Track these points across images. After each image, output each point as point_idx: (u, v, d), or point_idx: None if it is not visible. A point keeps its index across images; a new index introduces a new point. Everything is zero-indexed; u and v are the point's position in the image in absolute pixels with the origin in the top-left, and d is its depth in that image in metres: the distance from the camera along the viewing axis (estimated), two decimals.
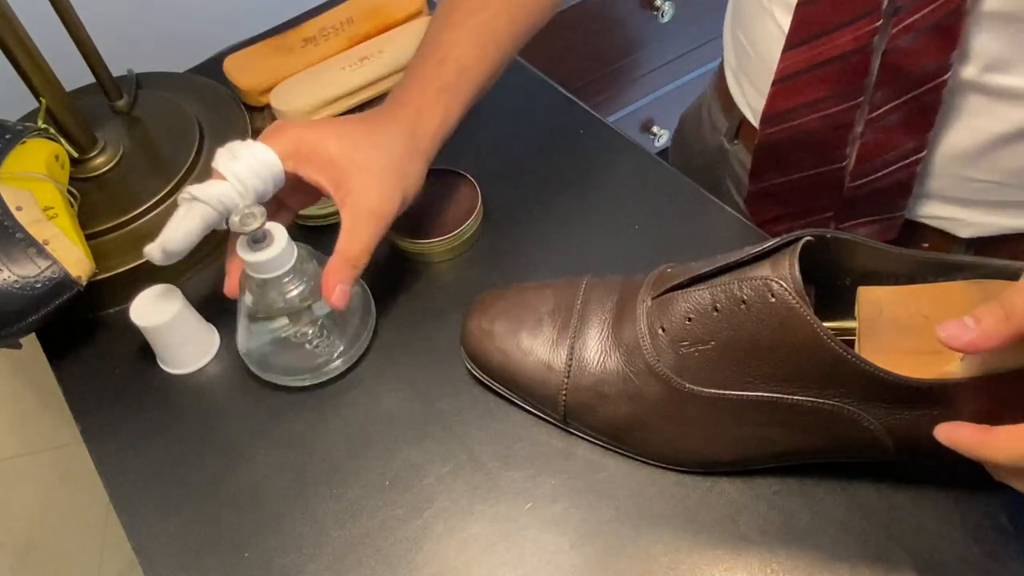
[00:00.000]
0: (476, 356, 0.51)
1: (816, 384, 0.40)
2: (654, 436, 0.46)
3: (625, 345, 0.46)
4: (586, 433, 0.49)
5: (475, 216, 0.61)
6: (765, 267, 0.40)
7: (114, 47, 0.68)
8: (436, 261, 0.61)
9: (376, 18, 0.73)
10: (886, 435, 0.41)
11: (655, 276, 0.47)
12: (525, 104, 0.71)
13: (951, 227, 0.58)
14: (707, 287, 0.43)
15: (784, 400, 0.41)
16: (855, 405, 0.40)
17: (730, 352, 0.42)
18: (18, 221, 0.53)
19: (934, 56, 0.48)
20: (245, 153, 0.49)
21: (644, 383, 0.45)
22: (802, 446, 0.44)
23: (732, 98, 0.68)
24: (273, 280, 0.50)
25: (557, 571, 0.46)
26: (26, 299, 0.52)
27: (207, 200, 0.48)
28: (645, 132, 1.42)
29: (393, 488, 0.50)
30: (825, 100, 0.55)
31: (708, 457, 0.46)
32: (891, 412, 0.40)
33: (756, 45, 0.61)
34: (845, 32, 0.51)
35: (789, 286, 0.39)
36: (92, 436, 0.55)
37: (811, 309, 0.38)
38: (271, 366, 0.55)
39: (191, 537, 0.49)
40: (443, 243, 0.60)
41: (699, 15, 1.28)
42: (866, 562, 0.44)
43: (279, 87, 0.68)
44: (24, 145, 0.58)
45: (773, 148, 0.60)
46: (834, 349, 0.38)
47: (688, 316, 0.43)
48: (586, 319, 0.48)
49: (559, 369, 0.48)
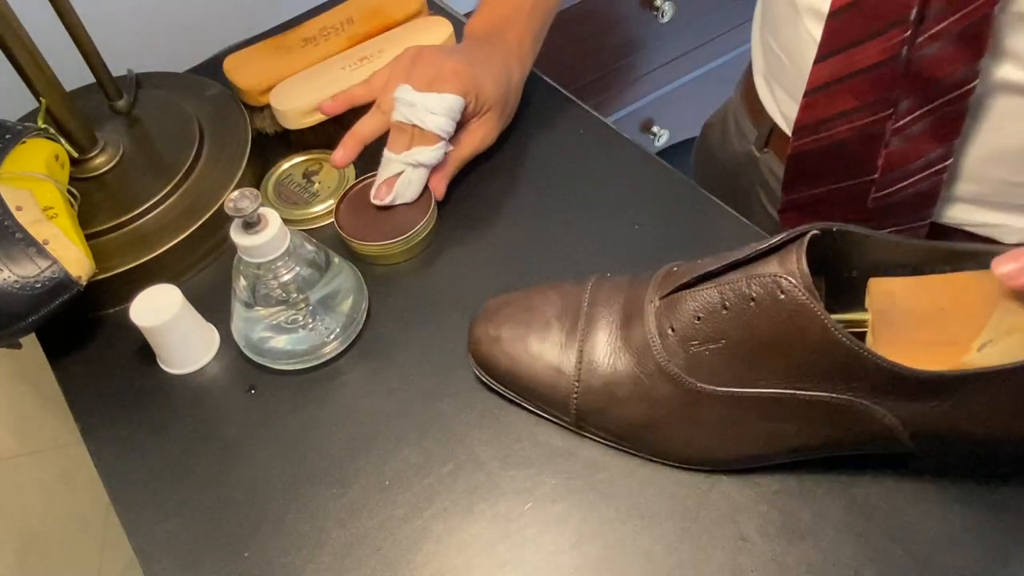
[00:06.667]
0: (485, 363, 0.51)
1: (829, 379, 0.40)
2: (668, 437, 0.46)
3: (635, 346, 0.46)
4: (599, 436, 0.49)
5: (429, 217, 0.61)
6: (773, 263, 0.40)
7: (114, 47, 0.68)
8: (393, 263, 0.61)
9: (376, 18, 0.73)
10: (902, 428, 0.40)
11: (661, 275, 0.47)
12: (525, 104, 0.71)
13: (996, 234, 0.57)
14: (715, 285, 0.42)
15: (797, 396, 0.41)
16: (870, 399, 0.40)
17: (741, 350, 0.42)
18: (18, 221, 0.53)
19: (960, 64, 0.48)
20: (439, 104, 0.58)
21: (655, 384, 0.45)
22: (817, 441, 0.43)
23: (762, 105, 0.67)
24: (267, 264, 0.51)
25: (557, 571, 0.46)
26: (26, 299, 0.52)
27: (431, 163, 0.60)
28: (645, 132, 1.42)
29: (393, 488, 0.50)
30: (856, 111, 0.54)
31: (723, 456, 0.46)
32: (907, 405, 0.39)
33: (788, 51, 0.61)
34: (875, 43, 0.51)
35: (798, 282, 0.38)
36: (92, 436, 0.55)
37: (822, 305, 0.38)
38: (265, 351, 0.55)
39: (191, 537, 0.49)
40: (396, 245, 0.60)
41: (699, 15, 1.28)
42: (866, 562, 0.44)
43: (279, 87, 0.68)
44: (24, 145, 0.58)
45: (805, 159, 0.60)
46: (847, 344, 0.38)
47: (697, 315, 0.43)
48: (593, 321, 0.48)
49: (569, 373, 0.48)
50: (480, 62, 0.62)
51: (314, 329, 0.55)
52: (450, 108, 0.59)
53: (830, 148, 0.57)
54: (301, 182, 0.67)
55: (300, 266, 0.53)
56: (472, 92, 0.60)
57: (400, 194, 0.60)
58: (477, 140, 0.64)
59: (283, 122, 0.68)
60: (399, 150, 0.60)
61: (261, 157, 0.69)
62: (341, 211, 0.62)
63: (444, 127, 0.59)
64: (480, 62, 0.62)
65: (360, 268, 0.60)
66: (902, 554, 0.44)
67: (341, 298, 0.56)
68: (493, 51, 0.64)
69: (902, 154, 0.54)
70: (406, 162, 0.60)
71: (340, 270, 0.57)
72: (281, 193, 0.67)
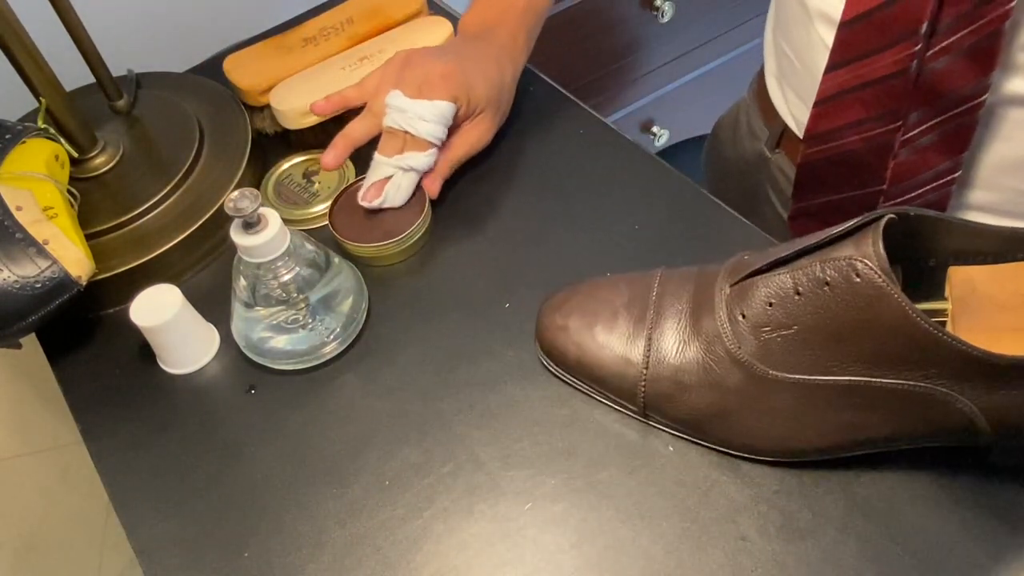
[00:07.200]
0: (552, 352, 0.51)
1: (906, 366, 0.39)
2: (737, 426, 0.45)
3: (704, 333, 0.45)
4: (666, 425, 0.49)
5: (423, 219, 0.61)
6: (848, 247, 0.39)
7: (114, 47, 0.68)
8: (388, 264, 0.61)
9: (376, 18, 0.73)
10: (982, 417, 0.39)
11: (732, 264, 0.47)
12: (524, 104, 0.71)
13: None
14: (788, 271, 0.42)
15: (872, 384, 0.40)
16: (948, 387, 0.38)
17: (814, 336, 0.41)
18: (18, 221, 0.53)
19: (971, 78, 0.48)
20: (430, 112, 0.58)
21: (725, 371, 0.44)
22: (893, 432, 0.42)
23: (773, 106, 0.67)
24: (267, 264, 0.51)
25: (557, 571, 0.46)
26: (26, 299, 0.52)
27: (422, 169, 0.60)
28: (645, 132, 1.42)
29: (393, 488, 0.50)
30: (866, 122, 0.54)
31: (795, 446, 0.45)
32: (987, 393, 0.38)
33: (800, 54, 0.60)
34: (886, 55, 0.50)
35: (875, 265, 0.37)
36: (92, 436, 0.55)
37: (899, 288, 0.37)
38: (265, 351, 0.55)
39: (191, 537, 0.49)
40: (390, 247, 0.60)
41: (699, 15, 1.28)
42: (866, 562, 0.44)
43: (279, 87, 0.68)
44: (24, 145, 0.58)
45: (815, 168, 0.60)
46: (926, 328, 0.37)
47: (769, 301, 0.42)
48: (662, 310, 0.48)
49: (637, 361, 0.47)
50: (472, 61, 0.61)
51: (314, 329, 0.55)
52: (441, 114, 0.59)
53: (840, 157, 0.57)
54: (301, 182, 0.67)
55: (300, 266, 0.53)
56: (463, 95, 0.60)
57: (389, 198, 0.60)
58: (471, 141, 0.64)
59: (283, 122, 0.68)
60: (390, 154, 0.60)
61: (261, 157, 0.69)
62: (335, 213, 0.62)
63: (436, 134, 0.59)
64: (472, 61, 0.61)
65: (359, 268, 0.60)
66: (902, 554, 0.44)
67: (341, 298, 0.56)
68: (486, 49, 0.64)
69: (910, 165, 0.54)
70: (396, 166, 0.59)
71: (340, 270, 0.57)
72: (281, 193, 0.67)
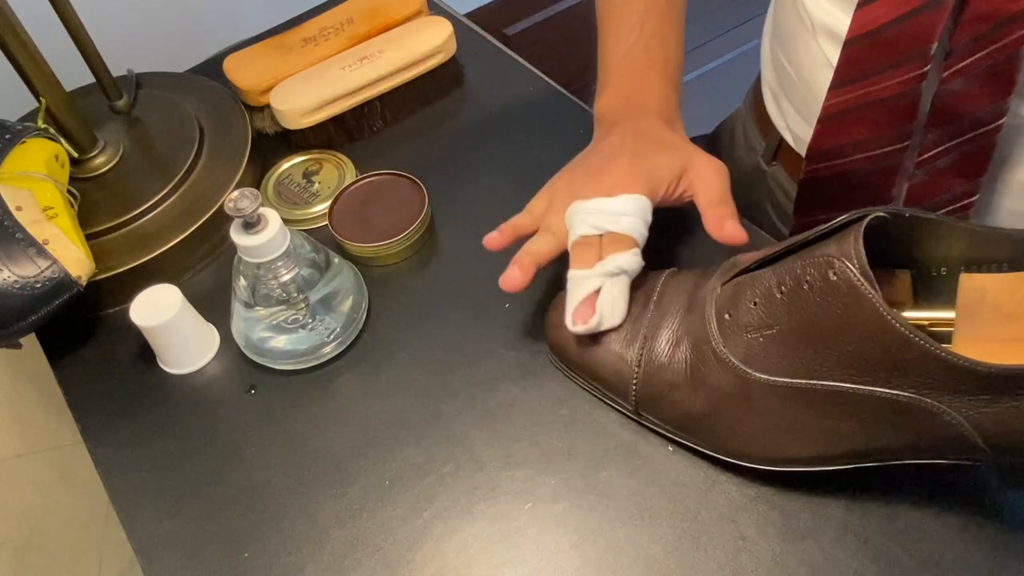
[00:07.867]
0: (556, 348, 0.52)
1: (887, 373, 0.37)
2: (724, 429, 0.45)
3: (693, 334, 0.45)
4: (658, 426, 0.49)
5: (423, 218, 0.61)
6: (830, 245, 0.38)
7: (114, 47, 0.68)
8: (387, 264, 0.61)
9: (376, 18, 0.73)
10: (973, 431, 0.37)
11: (729, 263, 0.46)
12: (525, 104, 0.71)
13: None
14: (772, 270, 0.41)
15: (856, 391, 0.38)
16: (936, 397, 0.36)
17: (794, 337, 0.39)
18: (18, 221, 0.53)
19: (988, 101, 0.47)
20: (632, 206, 0.51)
21: (711, 372, 0.44)
22: (881, 444, 0.40)
23: (770, 118, 0.66)
24: (267, 264, 0.51)
25: (557, 571, 0.46)
26: (26, 299, 0.52)
27: (633, 271, 0.50)
28: None
29: (393, 488, 0.50)
30: (872, 141, 0.53)
31: (780, 453, 0.44)
32: (978, 406, 0.36)
33: (799, 68, 0.59)
34: (891, 75, 0.49)
35: (852, 264, 0.36)
36: (92, 436, 0.55)
37: (876, 289, 0.35)
38: (265, 351, 0.55)
39: (191, 537, 0.49)
40: (390, 246, 0.60)
41: (697, 16, 1.28)
42: (866, 562, 0.44)
43: (279, 87, 0.68)
44: (24, 145, 0.58)
45: (818, 185, 0.58)
46: (901, 332, 0.35)
47: (753, 300, 0.41)
48: (662, 310, 0.48)
49: (631, 360, 0.47)
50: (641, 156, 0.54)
51: (314, 329, 0.55)
52: (642, 207, 0.51)
53: (844, 176, 0.56)
54: (301, 182, 0.67)
55: (300, 266, 0.53)
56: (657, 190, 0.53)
57: (606, 316, 0.49)
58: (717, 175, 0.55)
59: (283, 122, 0.68)
60: (591, 264, 0.50)
61: (261, 157, 0.69)
62: (335, 213, 0.62)
63: (639, 229, 0.51)
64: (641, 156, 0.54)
65: (359, 268, 0.60)
66: (902, 554, 0.44)
67: (341, 298, 0.56)
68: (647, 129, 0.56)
69: (926, 188, 0.53)
70: (603, 273, 0.49)
71: (340, 270, 0.57)
72: (281, 193, 0.67)
